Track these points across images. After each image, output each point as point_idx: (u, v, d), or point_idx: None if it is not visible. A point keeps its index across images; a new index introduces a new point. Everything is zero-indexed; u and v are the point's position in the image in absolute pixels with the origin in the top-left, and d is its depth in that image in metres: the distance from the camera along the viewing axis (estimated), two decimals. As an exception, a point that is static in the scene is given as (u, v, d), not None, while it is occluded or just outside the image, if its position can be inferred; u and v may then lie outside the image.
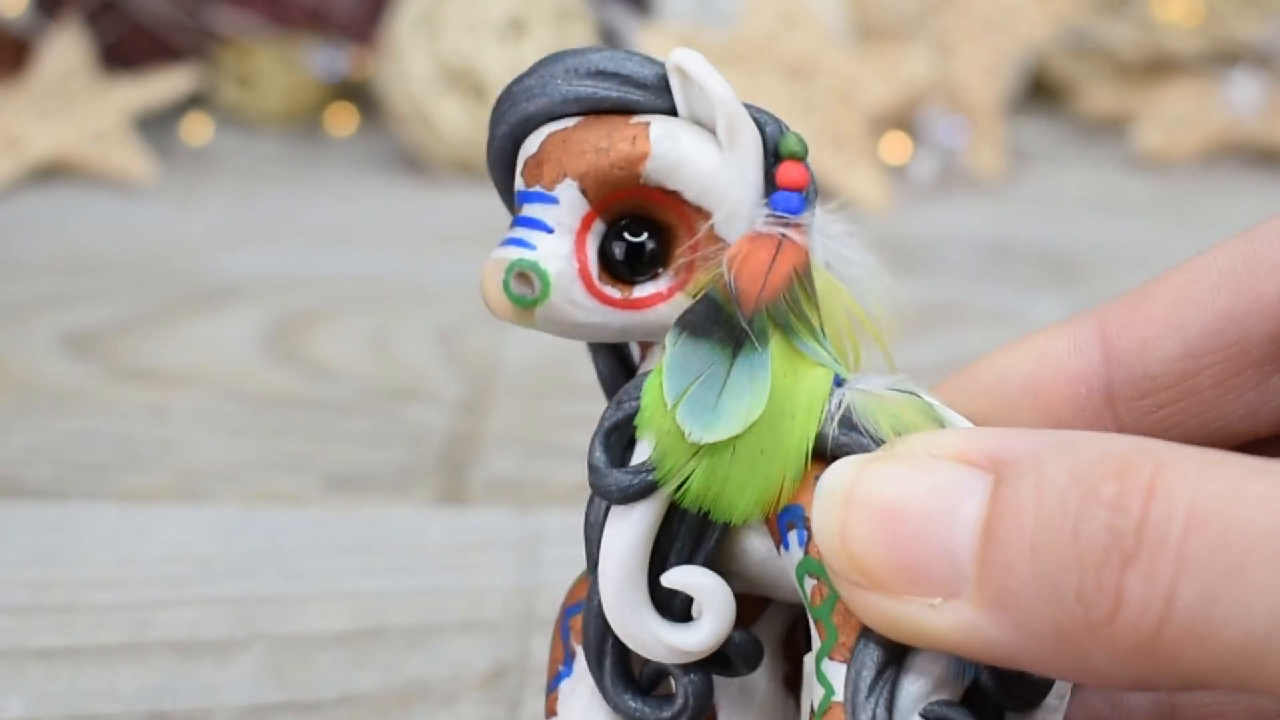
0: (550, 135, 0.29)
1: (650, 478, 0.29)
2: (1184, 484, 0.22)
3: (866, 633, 0.28)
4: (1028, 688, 0.28)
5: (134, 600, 0.45)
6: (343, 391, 0.58)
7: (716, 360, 0.29)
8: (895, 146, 0.79)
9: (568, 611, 0.31)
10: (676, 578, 0.29)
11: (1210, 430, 0.31)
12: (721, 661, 0.30)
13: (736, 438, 0.28)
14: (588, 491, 0.30)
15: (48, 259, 0.69)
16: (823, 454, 0.29)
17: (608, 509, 0.30)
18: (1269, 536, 0.21)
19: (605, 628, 0.30)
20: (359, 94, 0.86)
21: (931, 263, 0.69)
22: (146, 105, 0.80)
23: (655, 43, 0.76)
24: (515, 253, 0.28)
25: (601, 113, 0.29)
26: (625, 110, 0.29)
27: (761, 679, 0.32)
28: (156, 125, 0.83)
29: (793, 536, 0.29)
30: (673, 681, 0.30)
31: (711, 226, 0.29)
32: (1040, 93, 0.89)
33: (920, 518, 0.25)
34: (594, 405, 0.54)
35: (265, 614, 0.44)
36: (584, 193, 0.29)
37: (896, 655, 0.28)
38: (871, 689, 0.28)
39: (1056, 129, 0.86)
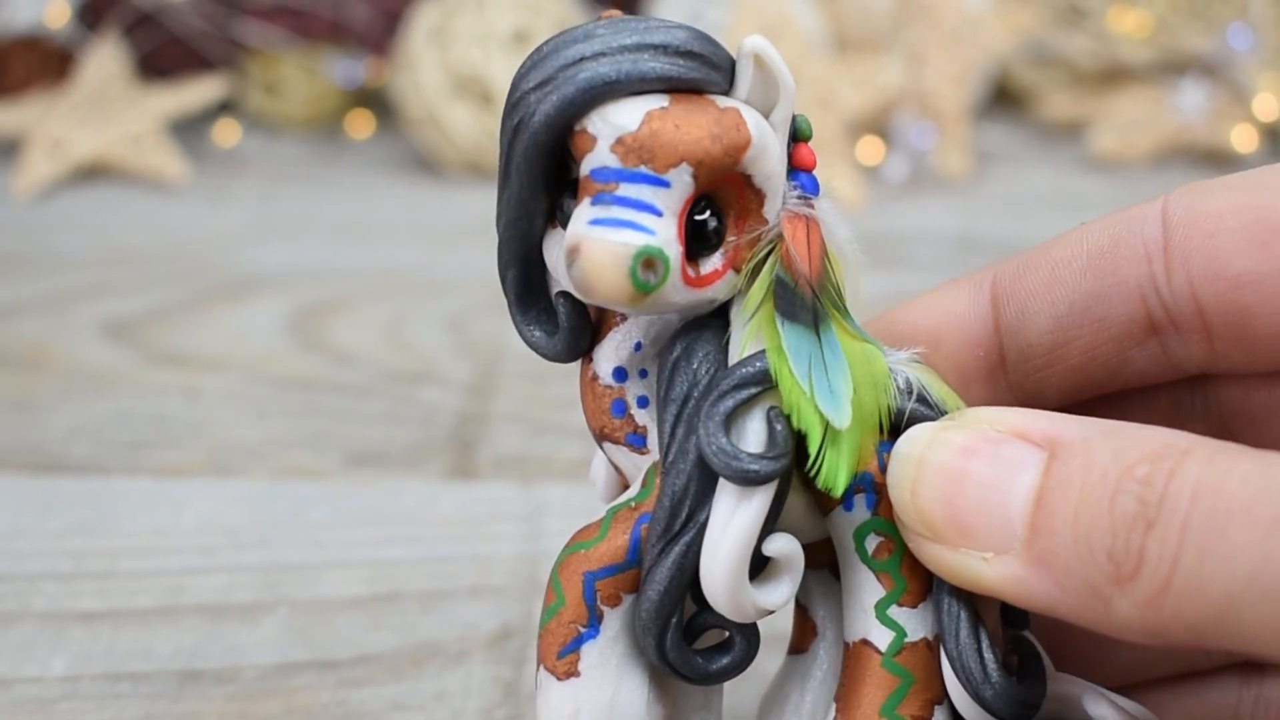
0: (651, 114, 0.27)
1: (786, 462, 0.28)
2: (1196, 466, 0.25)
3: (938, 585, 0.29)
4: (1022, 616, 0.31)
5: (168, 567, 0.45)
6: (361, 375, 0.58)
7: (811, 342, 0.28)
8: (870, 149, 0.79)
9: (590, 576, 0.30)
10: (777, 545, 0.29)
11: (1077, 389, 0.33)
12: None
13: None
14: (586, 467, 0.30)
15: (89, 253, 0.69)
16: (893, 425, 0.29)
17: (702, 482, 0.28)
18: (1249, 505, 0.23)
19: (678, 597, 0.29)
20: (376, 100, 0.86)
21: (903, 255, 0.69)
22: (180, 111, 0.79)
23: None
24: (638, 238, 0.26)
25: (682, 91, 0.28)
26: (700, 90, 0.28)
27: None
28: (189, 129, 0.82)
29: (859, 500, 0.29)
30: (731, 635, 0.30)
31: (763, 207, 0.28)
32: (1003, 99, 0.89)
33: (981, 484, 0.27)
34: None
35: (289, 580, 0.44)
36: (695, 179, 0.27)
37: (974, 605, 0.29)
38: (975, 631, 0.29)
39: (1018, 133, 0.86)
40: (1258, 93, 0.81)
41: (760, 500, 0.28)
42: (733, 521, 0.28)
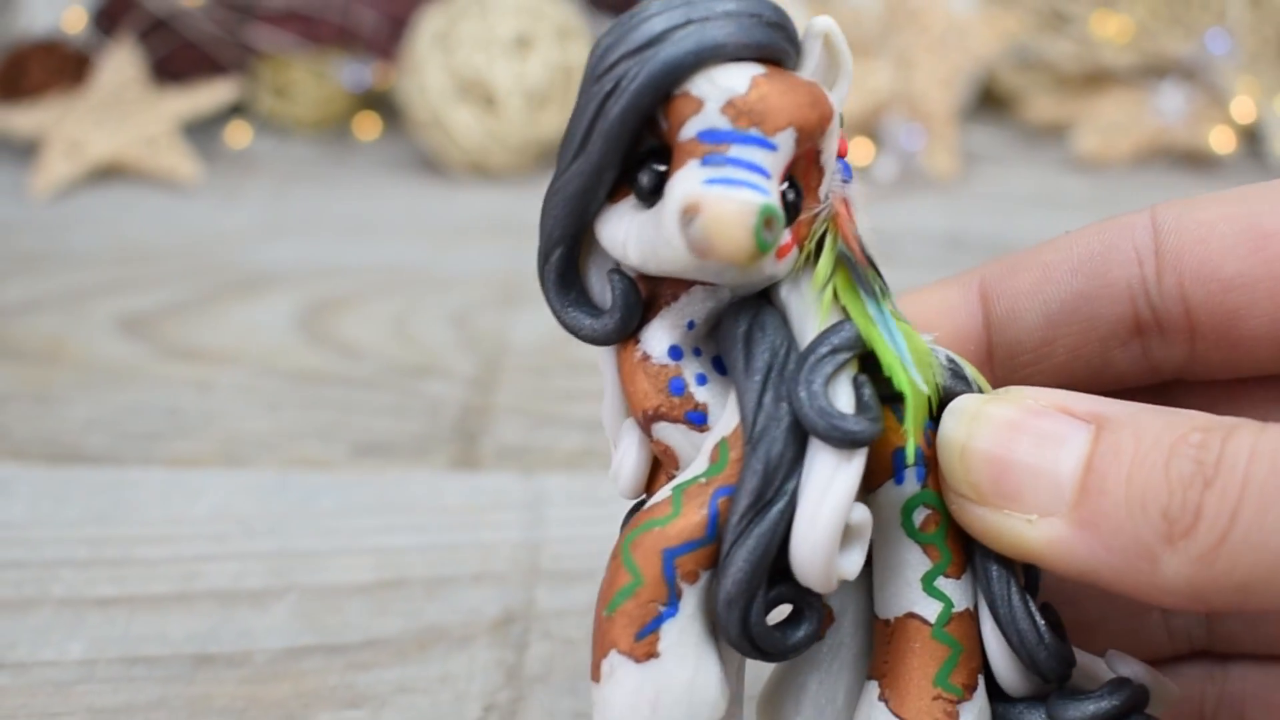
0: (758, 79, 0.26)
1: (881, 425, 0.27)
2: (1249, 434, 0.25)
3: (984, 550, 0.29)
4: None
5: (182, 555, 0.45)
6: (368, 369, 0.58)
7: (881, 315, 0.28)
8: (861, 150, 0.79)
9: (670, 553, 0.28)
10: (858, 515, 0.28)
11: (1061, 388, 0.32)
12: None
13: None
14: (586, 457, 0.29)
15: (105, 250, 0.69)
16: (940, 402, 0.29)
17: (796, 449, 0.28)
18: None
19: (766, 568, 0.28)
20: (382, 103, 0.86)
21: (893, 253, 0.69)
22: (193, 113, 0.79)
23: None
24: (758, 197, 0.25)
25: (774, 63, 0.27)
26: (781, 63, 0.27)
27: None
28: (202, 131, 0.82)
29: (910, 473, 0.29)
30: (803, 609, 0.29)
31: (821, 186, 0.28)
32: (989, 102, 0.89)
33: (1029, 449, 0.27)
34: (591, 381, 0.55)
35: (299, 567, 0.44)
36: (796, 144, 0.27)
37: (1017, 570, 0.29)
38: (1022, 596, 0.29)
39: (1004, 134, 0.86)
40: (1235, 95, 0.81)
41: (858, 464, 0.27)
42: (833, 485, 0.27)
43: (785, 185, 0.27)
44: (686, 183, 0.26)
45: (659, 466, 0.30)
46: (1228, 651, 0.34)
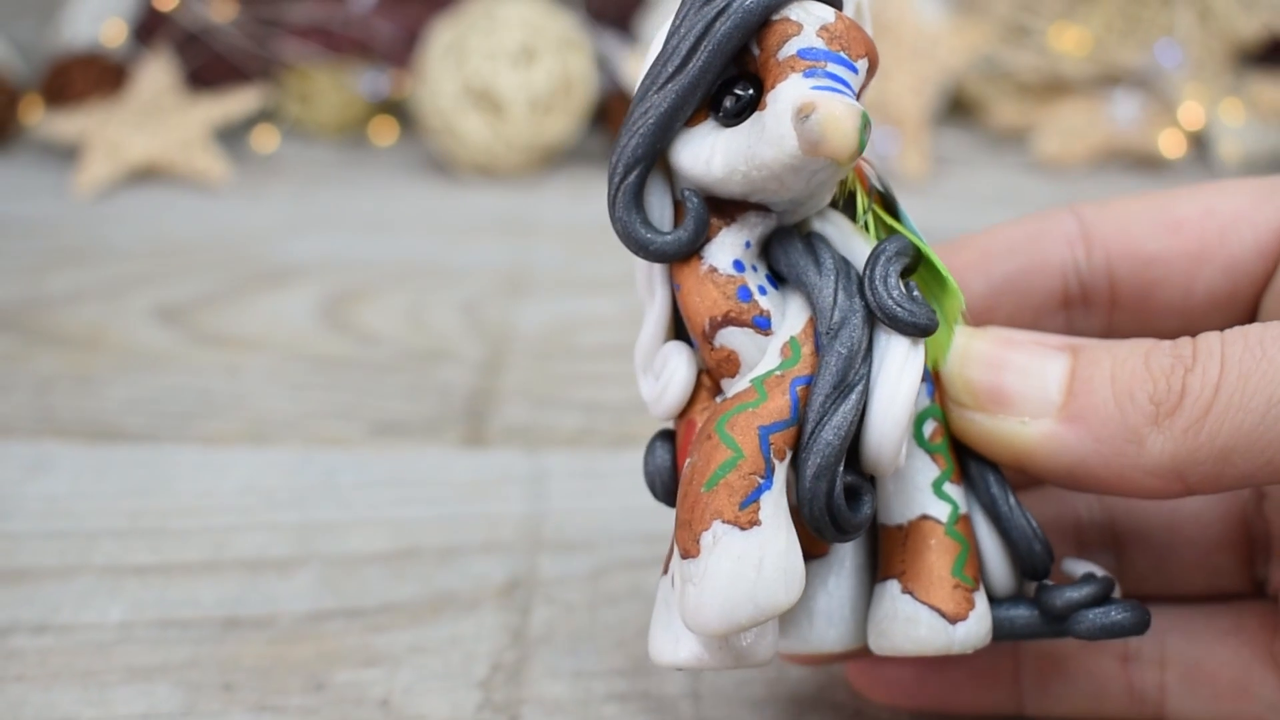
0: (840, 14, 0.28)
1: (938, 318, 0.29)
2: (1214, 333, 0.28)
3: (976, 465, 0.31)
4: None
5: (213, 526, 0.45)
6: (384, 354, 0.58)
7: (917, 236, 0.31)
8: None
9: (765, 429, 0.28)
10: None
11: None
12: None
13: None
14: (586, 436, 0.29)
15: (142, 245, 0.68)
16: None
17: (869, 342, 0.29)
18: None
19: (847, 446, 0.28)
20: (398, 110, 0.85)
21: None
22: (223, 119, 0.79)
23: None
24: (859, 106, 0.27)
25: (837, 8, 0.29)
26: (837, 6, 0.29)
27: None
28: (232, 135, 0.82)
29: (922, 388, 0.30)
30: (863, 494, 0.30)
31: None
32: (958, 109, 0.88)
33: (1019, 363, 0.30)
34: (591, 366, 0.55)
35: (320, 537, 0.44)
36: (868, 74, 0.28)
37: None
38: (1008, 494, 0.31)
39: (971, 138, 0.85)
40: (1183, 103, 0.81)
41: (922, 352, 0.29)
42: (907, 368, 0.28)
43: None
44: (796, 88, 0.27)
45: (697, 391, 0.31)
46: (1137, 592, 0.35)
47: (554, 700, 0.37)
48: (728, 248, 0.29)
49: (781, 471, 0.28)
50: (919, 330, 0.28)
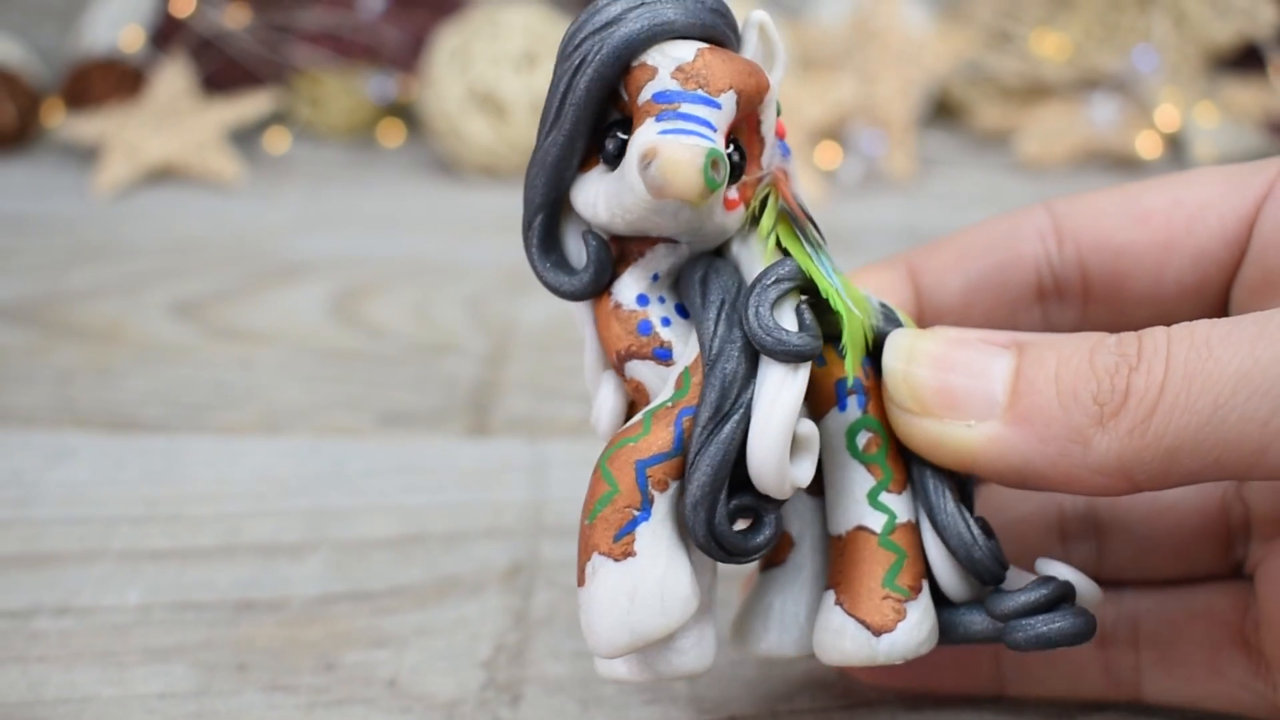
0: (702, 50, 0.28)
1: (820, 342, 0.28)
2: (1160, 330, 0.27)
3: (921, 468, 0.30)
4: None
5: (227, 512, 0.45)
6: (392, 347, 0.58)
7: (819, 258, 0.29)
8: (828, 154, 0.79)
9: (642, 464, 0.29)
10: (804, 428, 0.29)
11: None
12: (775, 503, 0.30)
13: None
14: (586, 425, 0.30)
15: (159, 242, 0.68)
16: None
17: (748, 367, 0.28)
18: (1229, 332, 0.26)
19: (726, 474, 0.28)
20: (405, 113, 0.85)
21: (857, 246, 0.69)
22: (237, 121, 0.79)
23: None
24: (705, 143, 0.26)
25: (716, 43, 0.28)
26: (723, 45, 0.28)
27: None
28: (245, 137, 0.82)
29: (852, 401, 0.30)
30: (762, 516, 0.29)
31: (762, 154, 0.29)
32: (942, 111, 0.88)
33: (964, 364, 0.29)
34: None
35: (330, 523, 0.44)
36: (737, 105, 0.28)
37: (952, 482, 0.30)
38: (957, 505, 0.30)
39: (955, 140, 0.85)
40: (1159, 105, 0.81)
41: (803, 376, 0.28)
42: (781, 395, 0.28)
43: (730, 149, 0.28)
44: (643, 135, 0.27)
45: (634, 411, 0.31)
46: (1116, 578, 0.35)
47: (555, 680, 0.37)
48: (633, 283, 0.30)
49: (664, 501, 0.28)
50: (792, 357, 0.28)
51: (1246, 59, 0.86)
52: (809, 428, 0.29)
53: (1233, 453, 0.25)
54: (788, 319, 0.28)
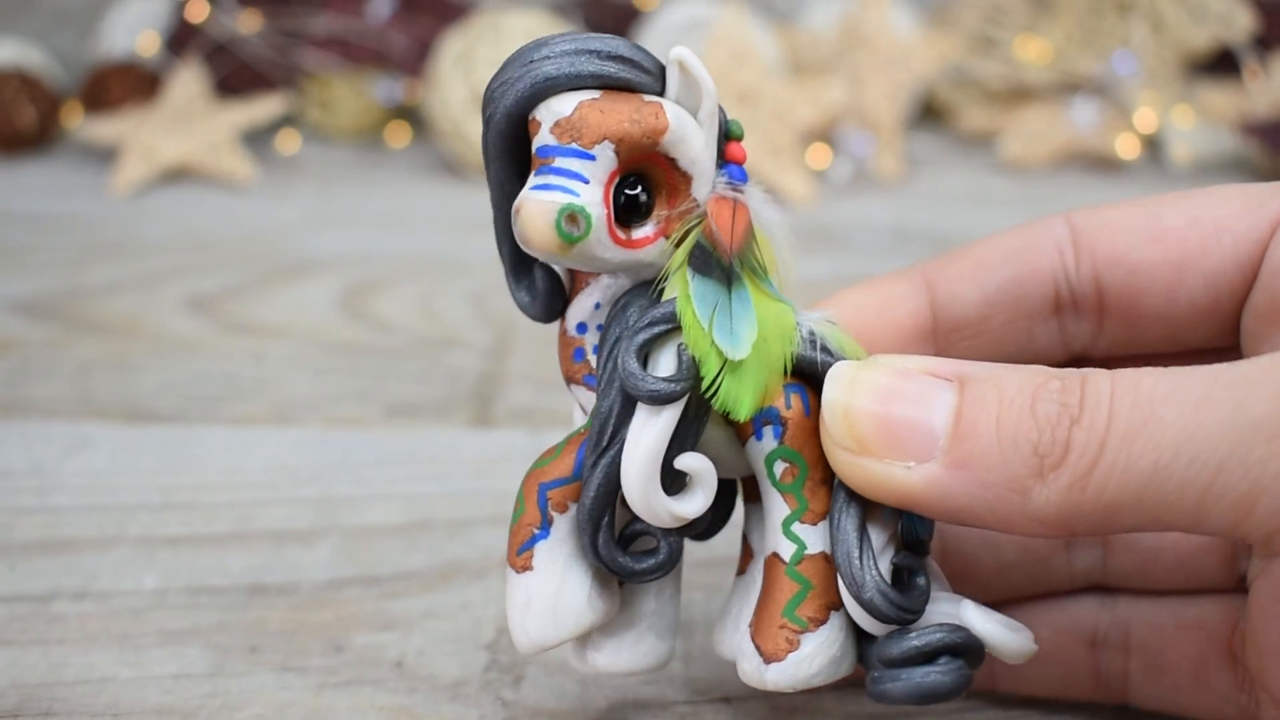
0: (583, 103, 0.27)
1: (686, 384, 0.28)
2: (1103, 377, 0.25)
3: (841, 503, 0.29)
4: (924, 541, 0.30)
5: (240, 500, 0.45)
6: (398, 341, 0.58)
7: (721, 294, 0.28)
8: (819, 155, 0.79)
9: (544, 486, 0.30)
10: (687, 461, 0.29)
11: (996, 358, 0.33)
12: (690, 528, 0.30)
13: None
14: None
15: (174, 240, 0.68)
16: (797, 370, 0.29)
17: (624, 407, 0.28)
18: (1172, 391, 0.24)
19: (609, 501, 0.29)
20: (412, 115, 0.85)
21: (846, 243, 0.68)
22: (249, 123, 0.79)
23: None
24: (564, 197, 0.27)
25: (615, 89, 0.28)
26: (632, 89, 0.28)
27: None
28: (257, 139, 0.82)
29: (767, 431, 0.29)
30: (657, 542, 0.30)
31: (690, 188, 0.29)
32: (929, 114, 0.88)
33: (905, 403, 0.27)
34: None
35: (339, 510, 0.44)
36: (617, 154, 0.27)
37: (865, 520, 0.29)
38: (860, 545, 0.29)
39: (941, 142, 0.85)
40: (1138, 108, 0.81)
41: (666, 417, 0.28)
42: (642, 435, 0.28)
43: (638, 189, 0.28)
44: (523, 189, 0.27)
45: None
46: (1118, 586, 0.34)
47: (555, 661, 0.37)
48: (577, 311, 0.30)
49: (565, 522, 0.30)
50: (650, 400, 0.28)
51: (1222, 63, 0.86)
52: (699, 463, 0.29)
53: (1172, 513, 0.24)
54: (666, 360, 0.28)
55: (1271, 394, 0.23)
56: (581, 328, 0.30)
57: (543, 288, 0.30)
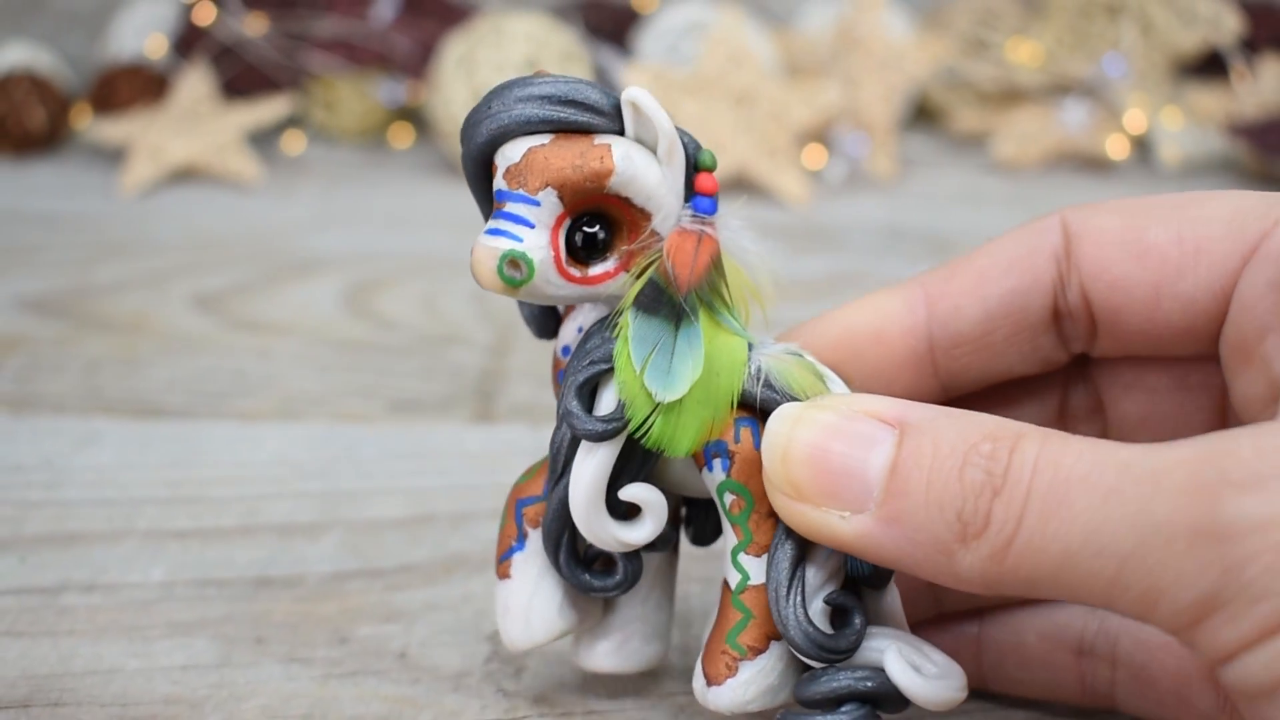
0: (530, 150, 0.28)
1: (619, 425, 0.28)
2: (1033, 445, 0.24)
3: (779, 539, 0.29)
4: (880, 577, 0.30)
5: (246, 494, 0.45)
6: (401, 338, 0.58)
7: (665, 333, 0.28)
8: (814, 155, 0.79)
9: (520, 502, 0.32)
10: (631, 492, 0.29)
11: (997, 371, 0.33)
12: (649, 545, 0.30)
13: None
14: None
15: (181, 239, 0.68)
16: (744, 404, 0.29)
17: (574, 439, 0.29)
18: (1086, 476, 0.23)
19: (565, 523, 0.30)
20: (414, 116, 0.85)
21: (841, 242, 0.68)
22: (255, 125, 0.79)
23: (636, 78, 0.75)
24: (506, 243, 0.28)
25: (569, 132, 0.28)
26: (588, 131, 0.28)
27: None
28: (263, 139, 0.82)
29: (717, 463, 0.29)
30: (617, 560, 0.31)
31: (650, 223, 0.29)
32: (922, 115, 0.88)
33: (842, 453, 0.26)
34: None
35: (344, 504, 0.44)
36: (561, 199, 0.28)
37: (803, 556, 0.29)
38: (790, 581, 0.29)
39: (935, 142, 0.85)
40: (1128, 110, 0.81)
41: (602, 454, 0.29)
42: (582, 469, 0.29)
43: (596, 227, 0.28)
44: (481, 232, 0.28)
45: None
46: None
47: (556, 652, 0.37)
48: (564, 335, 0.31)
49: (538, 536, 0.31)
50: (585, 437, 0.29)
51: (1210, 65, 0.86)
52: (646, 494, 0.29)
53: (1087, 595, 0.24)
54: (608, 398, 0.29)
55: (1174, 496, 0.22)
56: (566, 350, 0.31)
57: (536, 309, 0.32)
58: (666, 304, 0.28)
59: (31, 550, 0.41)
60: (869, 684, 0.29)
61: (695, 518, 0.33)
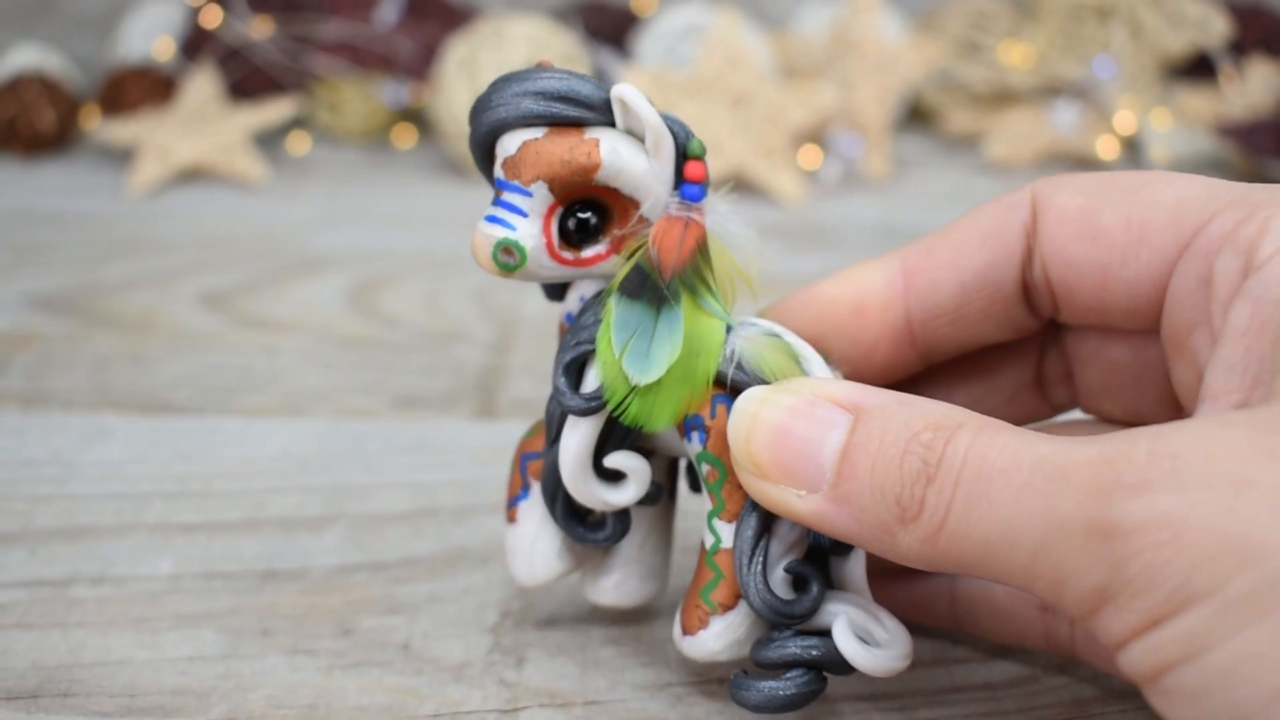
0: (525, 143, 0.29)
1: (600, 403, 0.30)
2: (967, 436, 0.26)
3: (746, 510, 0.31)
4: (842, 546, 0.31)
5: (252, 488, 0.45)
6: (405, 335, 0.58)
7: (647, 317, 0.30)
8: (810, 155, 0.79)
9: (525, 457, 0.34)
10: (616, 460, 0.31)
11: (973, 340, 0.34)
12: (640, 501, 0.32)
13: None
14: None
15: (188, 238, 0.68)
16: (719, 382, 0.31)
17: (564, 413, 0.31)
18: (1005, 470, 0.25)
19: (559, 483, 0.32)
20: (417, 118, 0.85)
21: (836, 241, 0.68)
22: (261, 126, 0.79)
23: (635, 79, 0.75)
24: (500, 231, 0.29)
25: (562, 125, 0.30)
26: (580, 123, 0.30)
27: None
28: (269, 140, 0.82)
29: (694, 435, 0.31)
30: (607, 515, 0.33)
31: (639, 210, 0.30)
32: (916, 116, 0.88)
33: (800, 437, 0.28)
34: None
35: (348, 498, 0.44)
36: (551, 190, 0.29)
37: (767, 526, 0.31)
38: (752, 550, 0.30)
39: (928, 143, 0.85)
40: (1118, 111, 0.81)
41: (586, 427, 0.31)
42: (568, 440, 0.31)
43: (589, 214, 0.30)
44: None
45: None
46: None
47: (556, 644, 0.37)
48: (569, 303, 0.32)
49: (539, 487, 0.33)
50: (569, 412, 0.30)
51: (1199, 67, 0.86)
52: (629, 461, 0.31)
53: (1009, 578, 0.25)
54: (592, 376, 0.31)
55: (1075, 494, 0.23)
56: (569, 317, 0.32)
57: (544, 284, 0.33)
58: (650, 289, 0.30)
59: (41, 543, 0.41)
60: (814, 652, 0.30)
61: (692, 468, 0.34)
